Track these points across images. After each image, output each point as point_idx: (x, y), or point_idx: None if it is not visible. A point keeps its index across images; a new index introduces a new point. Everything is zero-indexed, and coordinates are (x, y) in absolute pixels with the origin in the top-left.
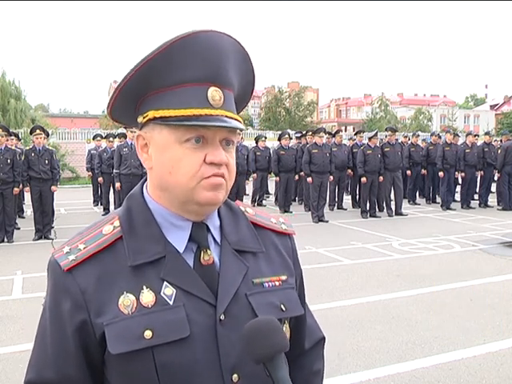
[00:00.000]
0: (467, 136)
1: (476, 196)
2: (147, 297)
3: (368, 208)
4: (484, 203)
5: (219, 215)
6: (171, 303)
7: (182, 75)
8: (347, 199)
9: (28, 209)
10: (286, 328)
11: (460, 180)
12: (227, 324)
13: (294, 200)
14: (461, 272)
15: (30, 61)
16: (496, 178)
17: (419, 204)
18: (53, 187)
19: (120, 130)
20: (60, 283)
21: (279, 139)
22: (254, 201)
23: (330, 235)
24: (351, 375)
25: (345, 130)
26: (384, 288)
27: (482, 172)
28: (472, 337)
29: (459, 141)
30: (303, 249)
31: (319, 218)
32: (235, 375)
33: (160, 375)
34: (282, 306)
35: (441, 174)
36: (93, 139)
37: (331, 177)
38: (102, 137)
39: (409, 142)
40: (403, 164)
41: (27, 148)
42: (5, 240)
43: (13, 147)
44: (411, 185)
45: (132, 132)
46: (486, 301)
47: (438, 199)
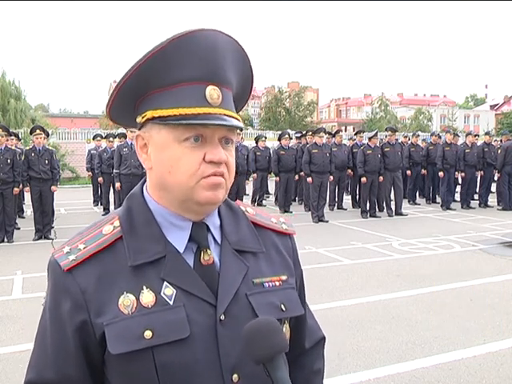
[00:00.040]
0: (467, 136)
1: (476, 196)
2: (147, 297)
3: (368, 208)
4: (484, 203)
5: (219, 215)
6: (171, 303)
7: (180, 74)
8: (347, 199)
9: (28, 209)
10: (286, 328)
11: (460, 180)
12: (227, 324)
13: (294, 200)
14: (461, 272)
15: (30, 61)
16: (496, 178)
17: (419, 204)
18: (53, 187)
19: (120, 130)
20: (60, 283)
21: (279, 139)
22: (254, 201)
23: (330, 235)
24: (351, 375)
25: (345, 130)
26: (384, 288)
27: (482, 172)
28: (472, 337)
29: (459, 141)
30: (303, 249)
31: (319, 218)
32: (235, 375)
33: (160, 375)
34: (283, 306)
35: (441, 174)
36: (93, 139)
37: (331, 177)
38: (102, 137)
39: (409, 142)
40: (403, 164)
41: (27, 148)
42: (5, 240)
43: (13, 147)
44: (411, 185)
45: (132, 132)
46: (486, 301)
47: (438, 199)
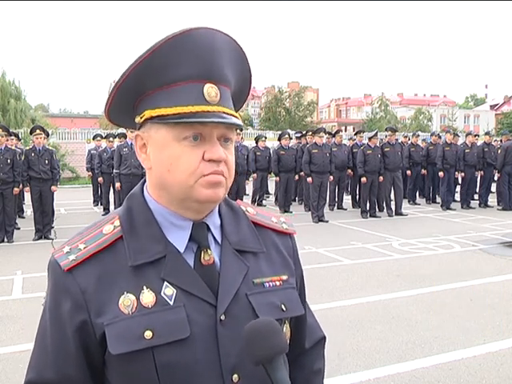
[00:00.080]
0: (467, 136)
1: (476, 196)
2: (147, 297)
3: (368, 208)
4: (484, 203)
5: (220, 214)
6: (171, 303)
7: (177, 73)
8: (347, 199)
9: (28, 209)
10: (287, 328)
11: (460, 180)
12: (228, 324)
13: (294, 200)
14: (461, 272)
15: (30, 61)
16: (496, 178)
17: (419, 204)
18: (53, 187)
19: (120, 130)
20: (60, 283)
21: (279, 139)
22: (254, 201)
23: (330, 235)
24: (351, 375)
25: (345, 130)
26: (384, 288)
27: (482, 172)
28: (472, 337)
29: (459, 141)
30: (303, 249)
31: (319, 218)
32: (235, 375)
33: (160, 375)
34: (283, 306)
35: (441, 174)
36: (93, 139)
37: (331, 177)
38: (102, 137)
39: (409, 142)
40: (403, 164)
41: (27, 148)
42: (5, 240)
43: (13, 147)
44: (411, 185)
45: (132, 132)
46: (486, 301)
47: (438, 199)
